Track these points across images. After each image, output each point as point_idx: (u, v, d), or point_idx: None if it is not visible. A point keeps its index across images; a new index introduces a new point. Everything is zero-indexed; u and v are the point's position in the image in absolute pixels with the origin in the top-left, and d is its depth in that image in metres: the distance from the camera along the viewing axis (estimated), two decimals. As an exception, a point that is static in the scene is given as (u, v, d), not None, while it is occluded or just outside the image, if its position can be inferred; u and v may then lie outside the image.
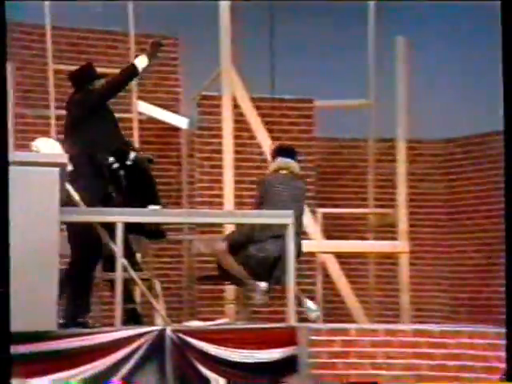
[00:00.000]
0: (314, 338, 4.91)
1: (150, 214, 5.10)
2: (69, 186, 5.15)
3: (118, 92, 5.34)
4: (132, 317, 5.13)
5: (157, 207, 5.34)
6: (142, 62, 5.19)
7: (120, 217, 4.99)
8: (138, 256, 5.89)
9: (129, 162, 5.44)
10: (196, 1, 7.15)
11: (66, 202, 4.93)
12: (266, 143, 6.69)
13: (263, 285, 5.30)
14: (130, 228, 5.06)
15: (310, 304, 5.60)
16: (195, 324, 5.35)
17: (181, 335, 4.87)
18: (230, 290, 6.27)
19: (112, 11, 7.01)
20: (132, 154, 5.45)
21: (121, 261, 4.96)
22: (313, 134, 7.29)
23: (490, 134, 7.88)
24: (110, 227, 4.91)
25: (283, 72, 7.79)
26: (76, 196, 5.20)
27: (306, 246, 5.76)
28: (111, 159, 5.20)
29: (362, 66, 7.07)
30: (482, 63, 8.09)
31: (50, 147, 5.31)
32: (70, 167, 5.22)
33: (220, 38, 6.37)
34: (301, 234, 5.51)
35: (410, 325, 5.81)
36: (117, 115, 5.45)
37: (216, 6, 6.43)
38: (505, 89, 3.39)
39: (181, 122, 7.54)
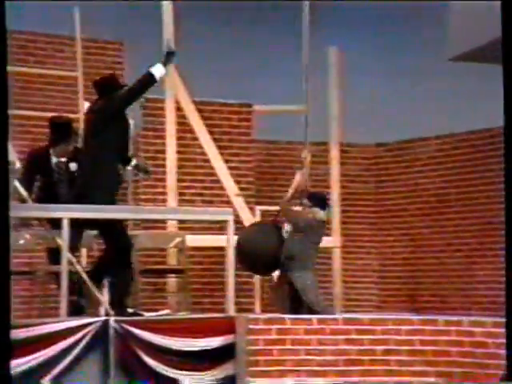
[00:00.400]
0: (251, 326, 4.92)
1: (96, 210, 5.04)
2: (16, 183, 5.06)
3: (136, 100, 5.33)
4: (76, 308, 5.08)
5: None
6: (158, 70, 5.13)
7: (65, 213, 4.94)
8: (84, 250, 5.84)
9: (129, 168, 5.46)
10: (139, 1, 7.08)
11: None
12: (208, 145, 6.71)
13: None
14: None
15: None
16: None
17: (124, 325, 4.82)
18: (171, 282, 6.26)
19: (59, 15, 6.90)
20: (133, 161, 5.44)
21: (66, 254, 4.90)
22: (252, 137, 7.30)
23: (416, 140, 8.04)
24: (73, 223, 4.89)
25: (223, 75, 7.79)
26: (23, 192, 5.11)
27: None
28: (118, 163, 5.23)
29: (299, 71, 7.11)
30: (414, 72, 8.25)
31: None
32: (18, 164, 5.13)
33: (163, 40, 6.31)
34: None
35: (341, 314, 5.88)
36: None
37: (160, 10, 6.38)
38: (505, 89, 3.40)
39: (126, 123, 7.45)
